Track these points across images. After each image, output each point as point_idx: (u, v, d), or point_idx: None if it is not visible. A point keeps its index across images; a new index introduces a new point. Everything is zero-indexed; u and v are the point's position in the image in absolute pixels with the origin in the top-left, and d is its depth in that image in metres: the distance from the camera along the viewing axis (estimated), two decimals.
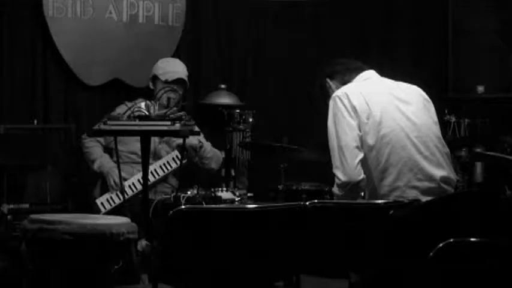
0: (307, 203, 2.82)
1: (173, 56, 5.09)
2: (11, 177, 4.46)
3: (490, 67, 5.85)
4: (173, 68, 4.73)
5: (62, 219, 3.11)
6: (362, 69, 3.45)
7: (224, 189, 4.16)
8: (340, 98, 3.25)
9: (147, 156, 3.22)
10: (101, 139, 4.63)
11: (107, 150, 4.67)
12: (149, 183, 4.08)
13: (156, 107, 3.18)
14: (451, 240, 2.15)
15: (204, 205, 3.79)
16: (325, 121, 3.28)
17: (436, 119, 3.38)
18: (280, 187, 4.53)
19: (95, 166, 4.59)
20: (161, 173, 4.56)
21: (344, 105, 3.22)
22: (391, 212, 2.85)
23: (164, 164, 4.59)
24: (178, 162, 4.52)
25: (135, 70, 5.06)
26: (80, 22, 4.91)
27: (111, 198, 4.47)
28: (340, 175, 3.18)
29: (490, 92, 5.77)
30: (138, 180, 4.43)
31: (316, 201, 2.87)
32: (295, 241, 2.80)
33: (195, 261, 2.69)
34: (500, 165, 4.66)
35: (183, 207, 3.01)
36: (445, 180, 3.22)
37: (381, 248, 2.84)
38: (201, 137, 4.58)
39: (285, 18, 5.63)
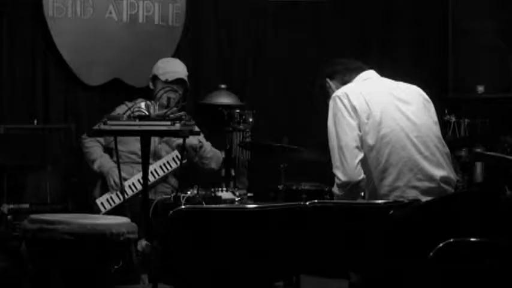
0: (307, 203, 2.82)
1: (173, 56, 5.09)
2: (11, 177, 4.46)
3: (490, 67, 5.84)
4: (173, 68, 4.73)
5: (62, 219, 3.11)
6: (362, 69, 3.45)
7: (224, 189, 4.16)
8: (340, 98, 3.25)
9: (147, 156, 3.22)
10: (101, 139, 4.63)
11: (107, 150, 4.67)
12: (149, 183, 4.08)
13: (156, 107, 3.18)
14: (451, 240, 2.16)
15: (204, 205, 3.79)
16: (325, 121, 3.28)
17: (436, 119, 3.38)
18: (280, 187, 4.53)
19: (95, 166, 4.59)
20: (161, 173, 4.56)
21: (344, 105, 3.22)
22: (391, 212, 2.85)
23: (164, 164, 4.59)
24: (178, 162, 4.52)
25: (135, 70, 5.06)
26: (80, 22, 4.91)
27: (111, 198, 4.46)
28: (340, 175, 3.18)
29: (490, 92, 5.76)
30: (138, 180, 4.43)
31: (316, 201, 2.87)
32: (295, 241, 2.80)
33: (195, 261, 2.69)
34: (500, 165, 4.66)
35: (183, 207, 3.01)
36: (445, 180, 3.22)
37: (381, 248, 2.84)
38: (201, 137, 4.58)
39: (285, 18, 5.63)
